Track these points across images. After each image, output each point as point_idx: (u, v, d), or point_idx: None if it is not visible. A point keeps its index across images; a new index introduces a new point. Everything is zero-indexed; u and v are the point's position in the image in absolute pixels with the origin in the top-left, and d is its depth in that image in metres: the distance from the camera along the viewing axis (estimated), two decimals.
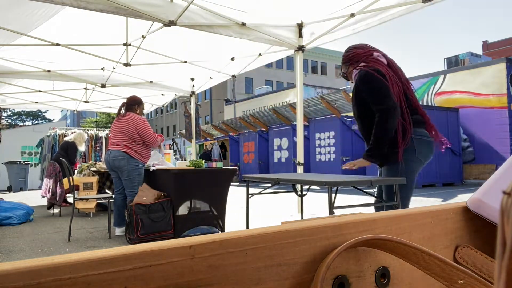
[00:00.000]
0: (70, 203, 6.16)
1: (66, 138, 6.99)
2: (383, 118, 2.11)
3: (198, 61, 6.15)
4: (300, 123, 5.29)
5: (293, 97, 21.11)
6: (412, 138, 2.14)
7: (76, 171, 6.29)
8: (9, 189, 12.15)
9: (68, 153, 6.61)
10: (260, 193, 3.94)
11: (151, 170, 4.10)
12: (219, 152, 16.97)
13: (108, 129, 10.93)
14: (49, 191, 6.27)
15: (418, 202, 6.73)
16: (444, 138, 2.29)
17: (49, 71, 6.15)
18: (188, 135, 8.64)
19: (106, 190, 5.87)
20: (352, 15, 4.26)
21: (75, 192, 4.41)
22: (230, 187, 4.17)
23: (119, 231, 4.09)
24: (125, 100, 4.17)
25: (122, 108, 4.08)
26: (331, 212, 2.46)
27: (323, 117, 12.41)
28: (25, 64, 5.81)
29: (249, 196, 3.95)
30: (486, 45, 36.77)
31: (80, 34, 4.91)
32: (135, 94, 4.38)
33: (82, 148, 6.96)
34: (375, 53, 2.29)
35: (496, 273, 0.20)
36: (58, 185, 6.05)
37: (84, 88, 7.67)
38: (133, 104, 4.09)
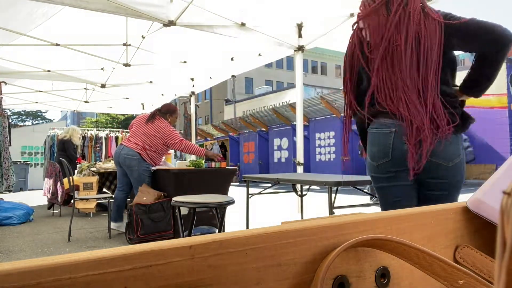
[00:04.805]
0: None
1: (60, 137, 6.98)
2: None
3: (198, 61, 6.15)
4: (300, 123, 5.29)
5: (293, 97, 21.10)
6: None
7: (76, 171, 6.29)
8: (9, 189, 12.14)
9: (67, 151, 6.61)
10: (260, 193, 3.95)
11: (151, 170, 4.11)
12: (219, 152, 16.98)
13: (108, 129, 10.92)
14: (49, 191, 6.27)
15: None
16: None
17: (49, 71, 6.15)
18: (185, 135, 8.64)
19: (106, 190, 5.87)
20: (352, 15, 4.27)
21: (75, 192, 4.41)
22: (230, 187, 4.17)
23: (114, 225, 4.12)
24: (159, 107, 4.22)
25: (156, 113, 4.09)
26: (331, 212, 2.47)
27: (323, 117, 12.40)
28: (25, 64, 5.81)
29: (249, 196, 3.96)
30: None
31: (80, 34, 4.91)
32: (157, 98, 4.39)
33: (78, 142, 6.94)
34: None
35: (496, 273, 0.20)
36: (58, 185, 6.05)
37: (84, 88, 7.67)
38: (166, 112, 4.14)
